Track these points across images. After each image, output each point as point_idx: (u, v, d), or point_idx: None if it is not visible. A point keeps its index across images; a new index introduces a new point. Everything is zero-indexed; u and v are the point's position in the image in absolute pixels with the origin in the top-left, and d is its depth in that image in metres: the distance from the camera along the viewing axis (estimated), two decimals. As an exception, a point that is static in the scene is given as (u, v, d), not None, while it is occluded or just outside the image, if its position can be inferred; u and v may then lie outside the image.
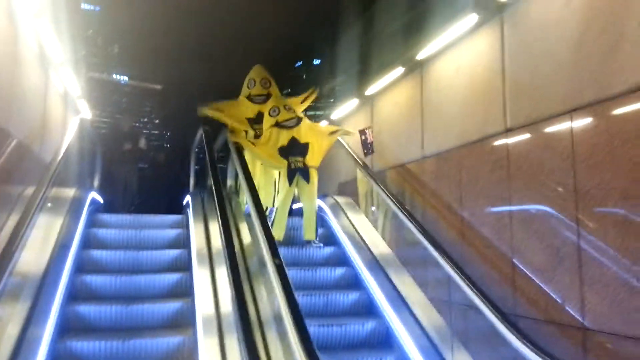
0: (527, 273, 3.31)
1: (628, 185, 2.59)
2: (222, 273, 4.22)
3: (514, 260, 3.43)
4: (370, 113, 6.02)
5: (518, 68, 3.52)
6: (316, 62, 10.33)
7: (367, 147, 5.52)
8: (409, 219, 4.23)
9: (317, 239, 5.38)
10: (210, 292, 3.99)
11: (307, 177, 5.15)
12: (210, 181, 6.30)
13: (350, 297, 4.55)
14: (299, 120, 5.28)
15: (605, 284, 2.71)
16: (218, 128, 6.13)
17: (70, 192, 5.12)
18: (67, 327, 3.80)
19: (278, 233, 5.16)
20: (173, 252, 4.98)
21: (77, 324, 3.89)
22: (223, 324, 3.60)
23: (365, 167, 5.42)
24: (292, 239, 5.59)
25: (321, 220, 5.75)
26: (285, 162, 5.15)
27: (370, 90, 5.80)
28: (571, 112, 2.97)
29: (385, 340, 4.19)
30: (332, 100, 7.68)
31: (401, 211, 4.38)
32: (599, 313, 2.75)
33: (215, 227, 5.08)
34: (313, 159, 5.26)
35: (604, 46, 2.79)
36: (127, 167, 8.12)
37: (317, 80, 9.88)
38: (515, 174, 3.46)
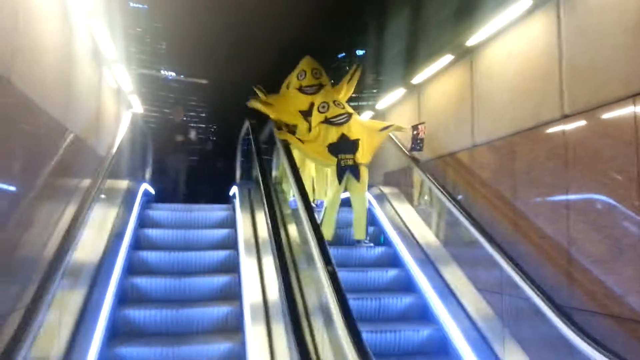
0: (585, 265, 3.18)
1: (699, 172, 2.44)
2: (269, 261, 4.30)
3: (571, 251, 3.30)
4: (417, 102, 5.92)
5: (576, 53, 3.36)
6: (360, 52, 10.26)
7: (416, 143, 5.26)
8: (462, 214, 4.11)
9: (368, 237, 5.29)
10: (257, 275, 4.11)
11: (357, 175, 5.02)
12: (257, 172, 6.43)
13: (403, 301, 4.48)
14: (349, 116, 5.11)
15: (672, 277, 2.56)
16: (264, 120, 6.19)
17: (123, 184, 5.30)
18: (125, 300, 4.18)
19: (327, 232, 5.11)
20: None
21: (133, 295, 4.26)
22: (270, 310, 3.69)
23: (414, 159, 5.33)
24: (341, 239, 5.50)
25: (369, 214, 5.68)
26: (334, 160, 5.02)
27: (417, 79, 5.70)
28: (634, 96, 2.82)
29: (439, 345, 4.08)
30: (376, 91, 7.61)
31: (454, 206, 4.26)
32: (665, 307, 2.61)
33: (261, 217, 5.15)
34: (364, 156, 5.09)
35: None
36: (177, 159, 8.34)
37: (362, 71, 9.84)
38: (572, 162, 3.32)
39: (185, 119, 10.20)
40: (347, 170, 5.01)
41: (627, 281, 2.87)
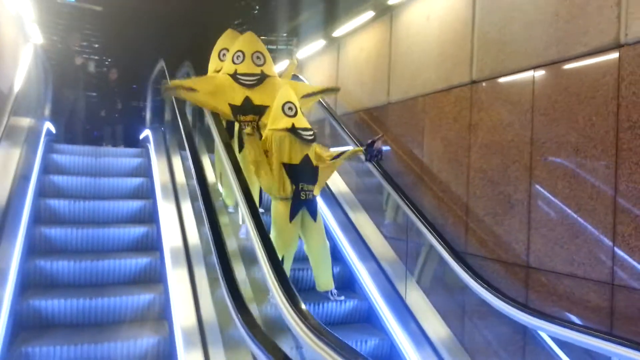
0: (480, 216, 3.61)
1: (580, 140, 2.85)
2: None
3: (469, 205, 3.72)
4: (337, 56, 6.05)
5: (488, 23, 3.65)
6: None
7: (372, 154, 3.99)
8: (374, 166, 4.37)
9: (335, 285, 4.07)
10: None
11: (315, 212, 3.84)
12: (170, 116, 6.29)
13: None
14: (315, 135, 3.80)
15: (551, 228, 3.02)
16: (181, 59, 6.01)
17: (26, 122, 4.95)
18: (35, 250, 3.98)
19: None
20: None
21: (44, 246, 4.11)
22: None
23: (328, 109, 5.50)
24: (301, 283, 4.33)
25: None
26: (289, 189, 3.70)
27: (337, 32, 5.80)
28: (535, 68, 3.17)
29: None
30: (294, 39, 7.59)
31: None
32: (543, 253, 3.08)
33: (179, 163, 5.12)
34: (319, 187, 3.95)
35: (572, 7, 2.96)
36: (78, 95, 7.80)
37: (276, 16, 9.65)
38: (476, 124, 3.67)
39: (85, 51, 9.48)
40: (303, 206, 3.75)
41: (513, 232, 3.32)
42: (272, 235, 3.67)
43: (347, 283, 4.41)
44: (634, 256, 2.55)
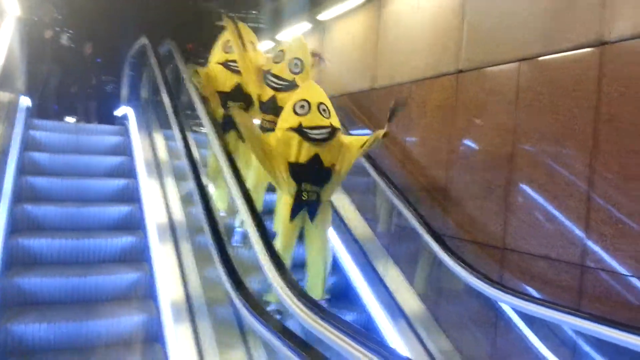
0: (459, 200, 3.78)
1: (560, 131, 3.03)
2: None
3: (448, 188, 3.88)
4: (322, 39, 6.10)
5: (477, 13, 3.78)
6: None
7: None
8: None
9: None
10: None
11: (314, 215, 3.52)
12: (147, 93, 6.23)
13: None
14: (334, 131, 3.46)
15: (528, 212, 3.21)
16: (163, 35, 5.95)
17: (5, 97, 4.83)
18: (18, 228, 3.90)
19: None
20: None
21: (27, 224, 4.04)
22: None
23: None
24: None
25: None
26: (294, 188, 3.48)
27: (323, 15, 5.85)
28: (520, 61, 3.33)
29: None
30: (277, 20, 7.58)
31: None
32: (519, 236, 3.27)
33: (161, 140, 5.10)
34: (331, 190, 3.63)
35: (560, 4, 3.12)
36: (49, 68, 7.60)
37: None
38: (461, 113, 3.83)
39: (58, 24, 9.21)
40: (304, 207, 3.50)
41: (491, 215, 3.50)
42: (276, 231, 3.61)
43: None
44: (604, 242, 2.76)
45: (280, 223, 3.57)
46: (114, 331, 3.23)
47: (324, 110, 3.42)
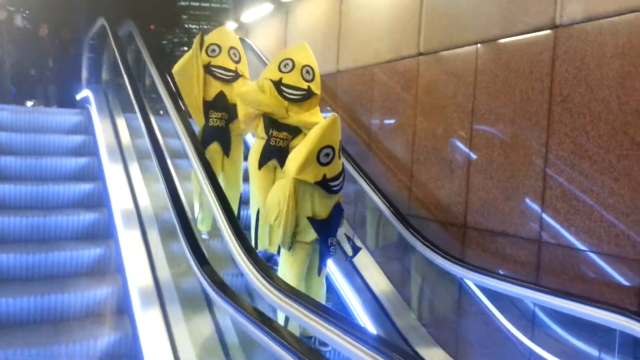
0: (423, 181, 3.87)
1: (516, 112, 3.13)
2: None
3: (413, 170, 3.97)
4: (285, 21, 6.06)
5: (436, -3, 3.84)
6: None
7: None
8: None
9: None
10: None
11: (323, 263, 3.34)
12: (109, 76, 6.09)
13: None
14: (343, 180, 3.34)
15: (487, 191, 3.32)
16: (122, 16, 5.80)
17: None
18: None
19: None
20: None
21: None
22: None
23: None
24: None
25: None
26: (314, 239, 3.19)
27: (286, -3, 5.81)
28: (478, 44, 3.40)
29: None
30: (240, 1, 7.47)
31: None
32: (479, 214, 3.39)
33: (123, 123, 5.01)
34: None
35: (514, -12, 3.20)
36: (4, 49, 7.32)
37: None
38: (422, 94, 3.89)
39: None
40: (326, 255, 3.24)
41: (453, 195, 3.60)
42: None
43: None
44: (558, 217, 2.89)
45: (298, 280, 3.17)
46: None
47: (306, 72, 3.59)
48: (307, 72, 3.58)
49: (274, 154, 3.57)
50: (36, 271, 3.46)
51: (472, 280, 3.25)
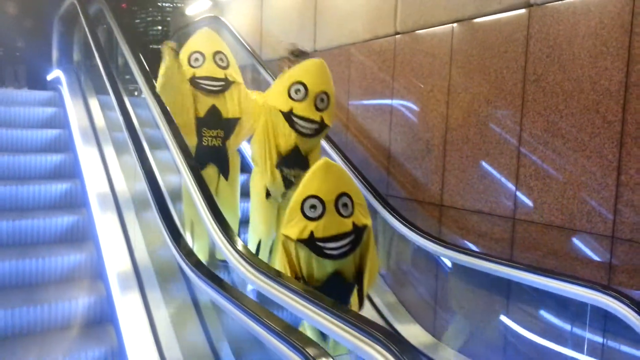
0: (400, 161, 3.90)
1: (491, 92, 3.16)
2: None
3: (391, 150, 3.99)
4: (261, 1, 5.96)
5: (412, -25, 3.81)
6: None
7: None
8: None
9: None
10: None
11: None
12: (80, 56, 5.95)
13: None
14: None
15: (463, 170, 3.36)
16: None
17: None
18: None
19: None
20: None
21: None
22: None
23: (254, 54, 5.47)
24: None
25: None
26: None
27: (261, -25, 5.70)
28: (453, 23, 3.41)
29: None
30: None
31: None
32: (455, 193, 3.43)
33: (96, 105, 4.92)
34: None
35: (489, -33, 3.20)
36: None
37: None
38: (399, 74, 3.89)
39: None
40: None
41: (430, 174, 3.64)
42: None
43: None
44: (531, 194, 2.95)
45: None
46: None
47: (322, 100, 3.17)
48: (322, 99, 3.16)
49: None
50: (11, 238, 3.47)
51: (448, 257, 3.31)
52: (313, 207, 2.43)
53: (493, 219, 3.18)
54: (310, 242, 2.44)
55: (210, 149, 3.39)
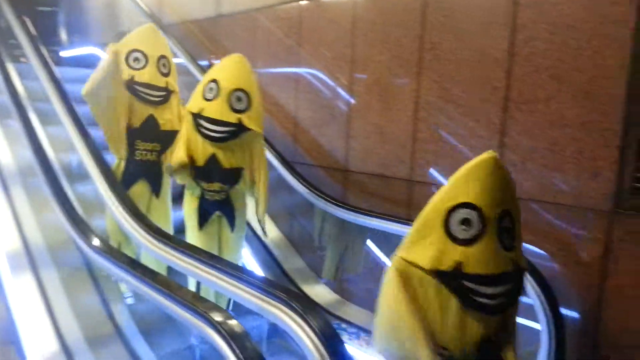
0: (306, 128, 3.94)
1: (391, 59, 3.27)
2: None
3: (297, 117, 4.02)
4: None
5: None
6: None
7: None
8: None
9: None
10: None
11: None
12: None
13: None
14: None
15: (366, 137, 3.48)
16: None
17: None
18: None
19: None
20: None
21: None
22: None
23: (152, 16, 5.20)
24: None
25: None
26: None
27: None
28: (356, -9, 3.46)
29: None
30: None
31: (197, 70, 4.52)
32: (359, 158, 3.55)
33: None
34: None
35: None
36: None
37: None
38: (305, 40, 3.90)
39: None
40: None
41: (334, 140, 3.73)
42: None
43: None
44: (428, 159, 3.12)
45: None
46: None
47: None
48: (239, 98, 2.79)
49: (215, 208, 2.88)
50: None
51: (352, 220, 3.43)
52: (466, 222, 1.52)
53: (394, 182, 3.33)
54: (453, 279, 1.51)
55: (144, 163, 3.03)
